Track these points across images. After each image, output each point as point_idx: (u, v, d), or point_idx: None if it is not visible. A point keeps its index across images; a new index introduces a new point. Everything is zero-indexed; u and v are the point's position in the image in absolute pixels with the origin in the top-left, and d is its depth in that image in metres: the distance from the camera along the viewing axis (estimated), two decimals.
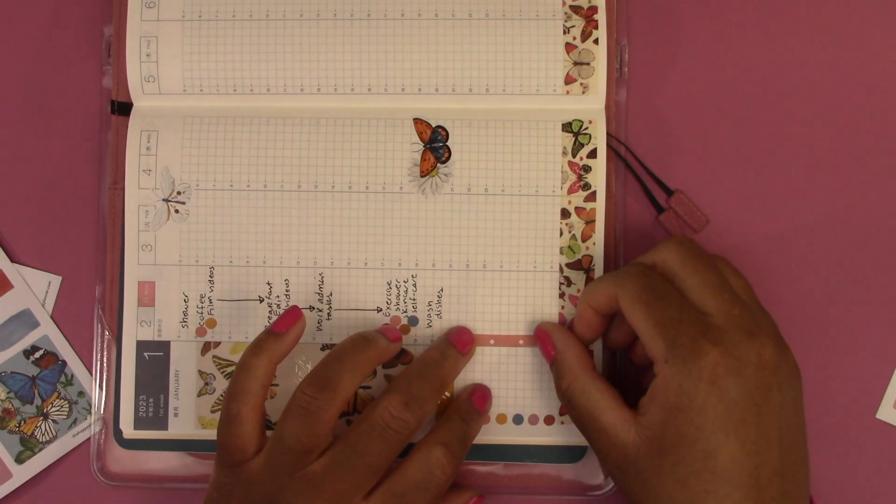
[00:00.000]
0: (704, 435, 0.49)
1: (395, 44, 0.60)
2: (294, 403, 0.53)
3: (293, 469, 0.52)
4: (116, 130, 0.61)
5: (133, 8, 0.60)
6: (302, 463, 0.52)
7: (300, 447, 0.52)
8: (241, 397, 0.54)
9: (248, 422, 0.54)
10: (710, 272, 0.52)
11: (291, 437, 0.52)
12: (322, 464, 0.52)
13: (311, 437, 0.52)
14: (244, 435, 0.54)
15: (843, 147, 0.62)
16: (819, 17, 0.62)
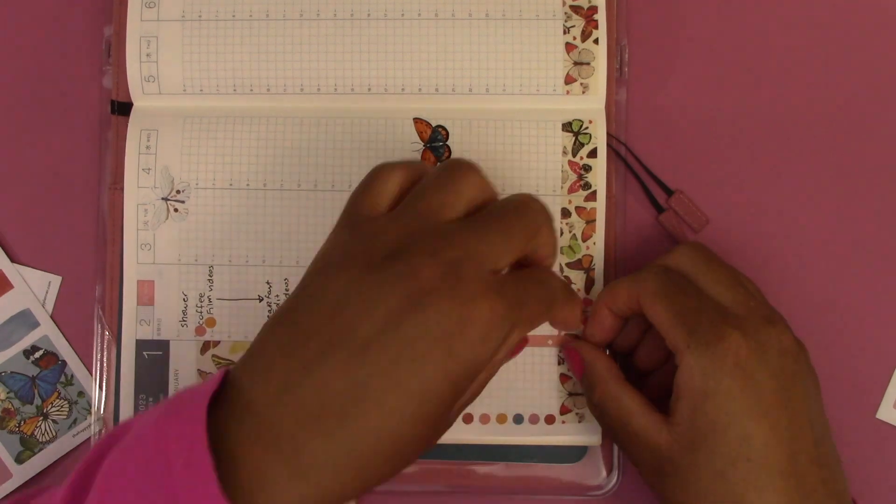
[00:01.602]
0: (735, 419, 0.49)
1: (395, 44, 0.60)
2: (440, 173, 0.50)
3: (427, 221, 0.48)
4: (116, 130, 0.61)
5: (133, 8, 0.60)
6: (438, 219, 0.48)
7: (439, 205, 0.49)
8: (391, 165, 0.51)
9: (392, 181, 0.50)
10: (723, 270, 0.53)
11: (433, 196, 0.49)
12: (459, 224, 0.48)
13: (453, 198, 0.49)
14: (384, 192, 0.50)
15: (844, 147, 0.62)
16: (819, 16, 0.62)
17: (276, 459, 0.44)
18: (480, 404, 0.59)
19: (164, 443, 0.44)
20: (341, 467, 0.44)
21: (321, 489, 0.44)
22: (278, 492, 0.43)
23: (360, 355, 0.44)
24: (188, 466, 0.42)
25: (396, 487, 0.60)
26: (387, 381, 0.44)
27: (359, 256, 0.47)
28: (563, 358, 0.59)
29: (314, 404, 0.44)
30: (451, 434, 0.58)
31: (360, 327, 0.45)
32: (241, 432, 0.44)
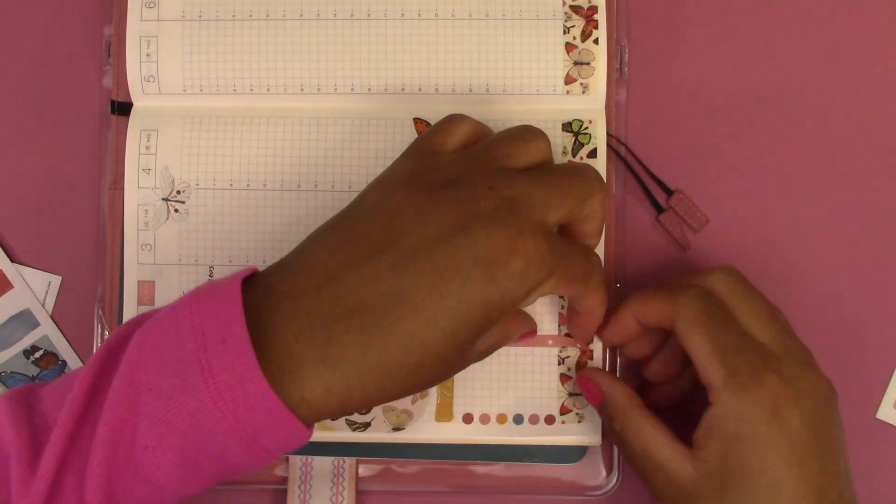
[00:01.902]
0: (767, 466, 0.49)
1: (395, 44, 0.60)
2: (512, 129, 0.53)
3: (489, 165, 0.50)
4: (116, 130, 0.61)
5: (133, 8, 0.60)
6: (500, 164, 0.50)
7: (504, 154, 0.51)
8: (463, 115, 0.54)
9: (462, 128, 0.53)
10: (759, 301, 0.53)
11: (501, 145, 0.51)
12: (519, 171, 0.50)
13: (518, 152, 0.51)
14: (453, 134, 0.53)
15: (844, 147, 0.62)
16: (819, 16, 0.62)
17: (309, 346, 0.45)
18: (480, 404, 0.59)
19: (197, 318, 0.45)
20: (367, 367, 0.46)
21: (345, 385, 0.45)
22: (306, 377, 0.45)
23: (406, 262, 0.46)
24: (224, 341, 0.44)
25: (396, 487, 0.60)
26: (427, 292, 0.46)
27: (420, 179, 0.50)
28: (563, 358, 0.59)
29: (353, 300, 0.46)
30: (451, 434, 0.58)
31: (410, 237, 0.47)
32: (276, 317, 0.46)
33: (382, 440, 0.59)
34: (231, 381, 0.44)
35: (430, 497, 0.61)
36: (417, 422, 0.59)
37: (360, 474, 0.60)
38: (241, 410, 0.44)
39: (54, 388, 0.49)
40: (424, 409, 0.59)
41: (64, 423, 0.46)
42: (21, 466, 0.45)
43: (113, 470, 0.45)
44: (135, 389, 0.45)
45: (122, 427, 0.45)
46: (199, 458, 0.45)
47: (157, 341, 0.46)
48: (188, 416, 0.44)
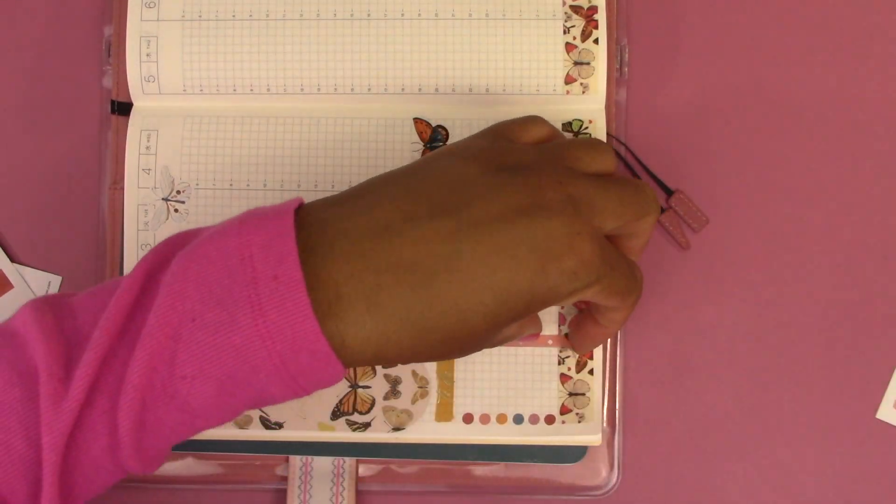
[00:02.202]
0: None
1: (395, 44, 0.60)
2: (587, 138, 0.57)
3: (560, 162, 0.51)
4: (116, 130, 0.61)
5: (133, 8, 0.60)
6: (569, 164, 0.51)
7: (575, 157, 0.51)
8: (544, 119, 0.55)
9: (540, 127, 0.54)
10: None
11: (574, 148, 0.52)
12: (586, 174, 0.51)
13: (588, 158, 0.52)
14: (531, 130, 0.54)
15: (844, 146, 0.62)
16: (819, 16, 0.62)
17: (358, 290, 0.45)
18: (480, 404, 0.59)
19: (248, 250, 0.44)
20: (409, 323, 0.46)
21: (384, 338, 0.46)
22: (350, 322, 0.45)
23: (467, 231, 0.46)
24: (276, 278, 0.43)
25: (396, 487, 0.60)
26: (481, 264, 0.46)
27: (492, 157, 0.50)
28: (563, 358, 0.59)
29: (409, 254, 0.46)
30: (451, 434, 0.58)
31: (475, 208, 0.47)
32: (329, 255, 0.45)
33: (382, 440, 0.59)
34: (281, 322, 0.43)
35: (430, 497, 0.61)
36: (417, 422, 0.59)
37: (360, 474, 0.60)
38: (288, 351, 0.44)
39: (86, 302, 0.47)
40: (424, 409, 0.59)
41: (99, 343, 0.45)
42: (52, 383, 0.44)
43: (147, 396, 0.45)
44: (176, 316, 0.44)
45: (160, 353, 0.44)
46: (236, 392, 0.45)
47: (202, 268, 0.45)
48: (232, 351, 0.44)
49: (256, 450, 0.60)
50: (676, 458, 0.61)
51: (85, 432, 0.45)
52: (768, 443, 0.61)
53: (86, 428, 0.45)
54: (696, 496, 0.61)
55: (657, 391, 0.61)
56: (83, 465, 0.45)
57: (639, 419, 0.61)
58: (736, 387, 0.61)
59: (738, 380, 0.61)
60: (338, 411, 0.59)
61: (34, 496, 0.45)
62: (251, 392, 0.45)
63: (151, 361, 0.44)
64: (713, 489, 0.61)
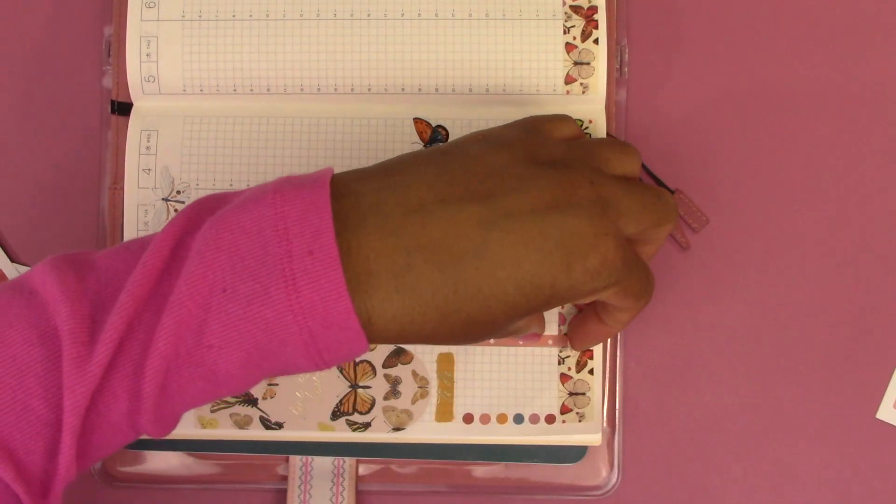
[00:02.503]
0: None
1: (395, 44, 0.60)
2: (617, 139, 0.58)
3: (590, 162, 0.51)
4: (116, 130, 0.61)
5: (133, 8, 0.60)
6: (598, 165, 0.51)
7: (604, 158, 0.52)
8: (573, 118, 0.55)
9: (571, 126, 0.54)
10: None
11: (604, 148, 0.52)
12: (617, 179, 0.51)
13: (616, 160, 0.52)
14: (562, 127, 0.54)
15: (843, 147, 0.62)
16: (819, 16, 0.62)
17: (388, 268, 0.45)
18: (481, 404, 0.59)
19: (282, 222, 0.44)
20: (433, 306, 0.46)
21: (409, 317, 0.46)
22: (377, 300, 0.45)
23: (498, 220, 0.47)
24: (312, 253, 0.43)
25: (396, 487, 0.60)
26: (508, 254, 0.46)
27: (526, 149, 0.50)
28: (563, 358, 0.59)
29: (439, 235, 0.46)
30: (451, 434, 0.58)
31: (508, 198, 0.47)
32: (361, 230, 0.46)
33: (382, 440, 0.59)
34: (315, 298, 0.43)
35: (430, 497, 0.61)
36: (417, 422, 0.59)
37: (360, 474, 0.60)
38: (318, 327, 0.44)
39: (110, 261, 0.47)
40: (424, 409, 0.59)
41: (125, 307, 0.44)
42: (76, 346, 0.44)
43: (172, 363, 0.44)
44: (207, 285, 0.44)
45: (189, 321, 0.44)
46: (263, 364, 0.45)
47: (235, 237, 0.44)
48: (263, 324, 0.44)
49: (256, 450, 0.60)
50: (676, 458, 0.61)
51: (106, 396, 0.44)
52: (768, 443, 0.61)
53: (107, 392, 0.44)
54: (696, 496, 0.61)
55: (657, 391, 0.61)
56: (101, 427, 0.45)
57: (639, 419, 0.61)
58: (736, 387, 0.61)
59: (738, 380, 0.61)
60: (338, 411, 0.59)
61: (51, 457, 0.45)
62: (276, 363, 0.46)
63: (179, 330, 0.44)
64: (713, 489, 0.61)
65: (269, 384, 0.59)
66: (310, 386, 0.59)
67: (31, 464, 0.45)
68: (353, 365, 0.59)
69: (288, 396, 0.59)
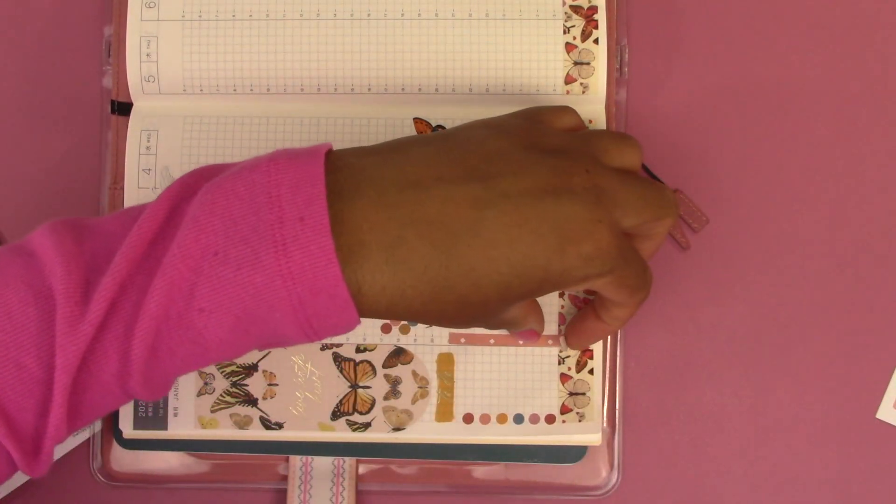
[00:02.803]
0: None
1: (395, 44, 0.60)
2: (619, 131, 0.58)
3: (589, 152, 0.51)
4: (116, 130, 0.61)
5: (133, 8, 0.60)
6: (597, 155, 0.51)
7: (603, 148, 0.52)
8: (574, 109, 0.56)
9: (572, 116, 0.55)
10: None
11: (604, 138, 0.53)
12: (615, 170, 0.51)
13: (615, 151, 0.52)
14: (564, 118, 0.55)
15: (843, 147, 0.62)
16: (819, 15, 0.62)
17: (380, 239, 0.46)
18: (481, 404, 0.59)
19: (276, 189, 0.45)
20: (425, 281, 0.46)
21: (399, 291, 0.46)
22: (368, 270, 0.46)
23: (494, 200, 0.47)
24: (303, 220, 0.44)
25: (396, 487, 0.60)
26: (502, 233, 0.47)
27: (527, 136, 0.51)
28: (563, 358, 0.59)
29: (434, 211, 0.47)
30: (451, 434, 0.58)
31: (504, 180, 0.48)
32: (356, 201, 0.46)
33: (382, 440, 0.59)
34: (304, 264, 0.44)
35: (430, 497, 0.61)
36: (417, 422, 0.59)
37: (360, 474, 0.60)
38: (307, 294, 0.44)
39: (108, 226, 0.48)
40: (424, 409, 0.59)
41: (119, 268, 0.45)
42: (69, 306, 0.44)
43: (163, 325, 0.45)
44: (199, 249, 0.45)
45: (180, 284, 0.45)
46: (251, 329, 0.46)
47: (229, 202, 0.45)
48: (253, 289, 0.44)
49: (256, 450, 0.60)
50: (676, 458, 0.61)
51: (97, 356, 0.45)
52: (768, 443, 0.61)
53: (98, 352, 0.45)
54: (696, 496, 0.61)
55: (657, 391, 0.61)
56: (92, 387, 0.46)
57: (639, 419, 0.61)
58: (736, 387, 0.61)
59: (738, 380, 0.61)
60: (338, 411, 0.59)
61: (42, 415, 0.46)
62: (265, 330, 0.46)
63: (170, 292, 0.45)
64: (713, 489, 0.61)
65: (270, 384, 0.59)
66: (310, 386, 0.59)
67: (23, 421, 0.46)
68: (353, 365, 0.59)
69: (288, 396, 0.59)
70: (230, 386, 0.59)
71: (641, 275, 0.52)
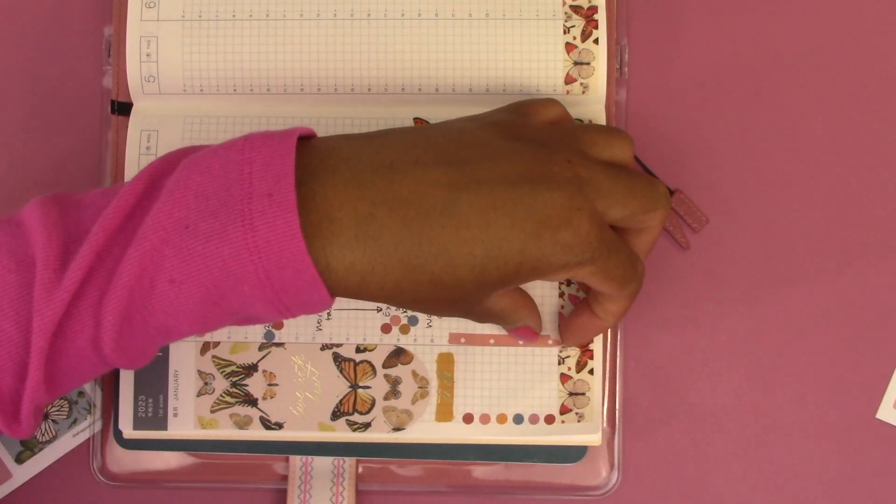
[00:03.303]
0: None
1: (395, 44, 0.60)
2: (606, 125, 0.59)
3: (574, 143, 0.52)
4: (116, 130, 0.61)
5: (133, 8, 0.60)
6: (583, 148, 0.52)
7: (590, 141, 0.52)
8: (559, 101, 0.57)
9: (556, 108, 0.56)
10: None
11: (591, 131, 0.53)
12: (598, 160, 0.52)
13: (603, 144, 0.53)
14: (548, 110, 0.55)
15: (843, 147, 0.62)
16: (820, 16, 0.62)
17: (350, 216, 0.47)
18: (481, 404, 0.59)
19: (248, 166, 0.46)
20: (396, 259, 0.47)
21: (369, 268, 0.47)
22: (337, 246, 0.46)
23: (469, 184, 0.48)
24: (270, 196, 0.45)
25: (396, 487, 0.60)
26: (476, 216, 0.47)
27: (509, 127, 0.52)
28: (563, 358, 0.59)
29: (406, 193, 0.47)
30: (451, 434, 0.58)
31: (481, 166, 0.49)
32: (329, 179, 0.47)
33: (382, 440, 0.59)
34: (269, 238, 0.45)
35: (430, 497, 0.61)
36: (417, 422, 0.59)
37: (360, 474, 0.60)
38: (273, 268, 0.45)
39: (94, 199, 0.49)
40: (424, 410, 0.59)
41: (95, 238, 0.46)
42: (47, 272, 0.46)
43: (136, 294, 0.46)
44: (172, 222, 0.46)
45: (153, 255, 0.46)
46: (221, 302, 0.47)
47: (203, 178, 0.46)
48: (220, 261, 0.45)
49: (256, 450, 0.60)
50: (676, 458, 0.61)
51: (73, 322, 0.47)
52: (768, 443, 0.61)
53: (75, 318, 0.47)
54: (695, 496, 0.61)
55: (657, 391, 0.61)
56: (69, 352, 0.47)
57: (639, 419, 0.61)
58: (736, 387, 0.61)
59: (738, 380, 0.61)
60: (338, 411, 0.59)
61: (21, 378, 0.47)
62: (235, 303, 0.47)
63: (143, 261, 0.46)
64: (713, 489, 0.61)
65: (270, 384, 0.59)
66: (310, 386, 0.59)
67: (2, 382, 0.47)
68: (353, 365, 0.59)
69: (288, 397, 0.59)
70: (230, 386, 0.59)
71: (629, 266, 0.52)
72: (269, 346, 0.59)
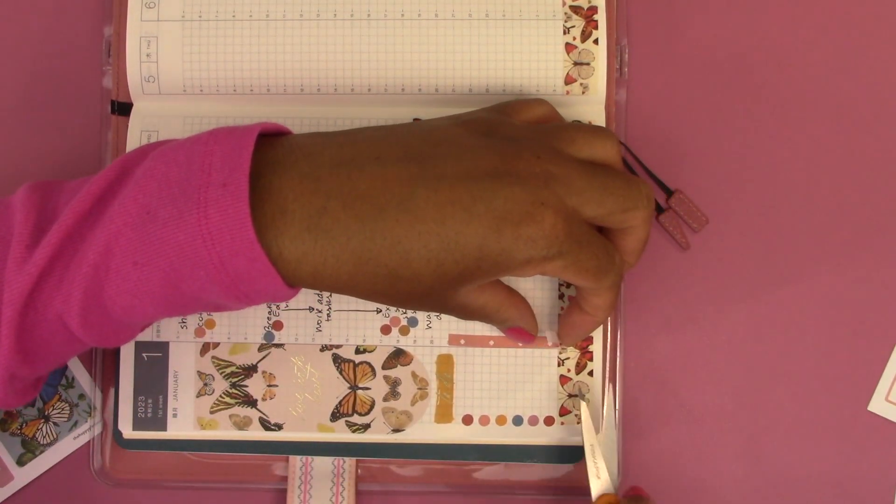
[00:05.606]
0: None
1: (395, 44, 0.60)
2: (589, 124, 0.59)
3: (548, 141, 0.52)
4: (116, 130, 0.61)
5: (133, 8, 0.60)
6: (560, 146, 0.52)
7: (569, 139, 0.52)
8: (548, 102, 0.58)
9: (542, 107, 0.56)
10: None
11: (570, 130, 0.53)
12: (573, 158, 0.52)
13: (582, 142, 0.53)
14: (531, 109, 0.56)
15: (843, 146, 0.62)
16: (821, 18, 0.62)
17: (303, 209, 0.48)
18: (480, 406, 0.59)
19: (209, 158, 0.48)
20: (348, 251, 0.48)
21: (321, 259, 0.48)
22: (289, 237, 0.48)
23: (427, 180, 0.49)
24: (225, 185, 0.47)
25: (396, 487, 0.60)
26: (433, 211, 0.48)
27: (482, 126, 0.52)
28: (562, 359, 0.59)
29: (363, 188, 0.48)
30: (450, 435, 0.58)
31: (444, 163, 0.49)
32: (287, 172, 0.49)
33: (382, 441, 0.59)
34: (221, 225, 0.46)
35: (430, 497, 0.61)
36: (417, 423, 0.59)
37: (359, 474, 0.60)
38: (226, 254, 0.47)
39: (76, 185, 0.52)
40: (424, 411, 0.59)
41: (66, 219, 0.49)
42: (19, 248, 0.49)
43: (100, 272, 0.48)
44: (137, 207, 0.48)
45: (117, 238, 0.48)
46: (180, 286, 0.48)
47: (168, 168, 0.48)
48: (176, 246, 0.47)
49: (256, 450, 0.60)
50: (676, 458, 0.61)
51: (43, 295, 0.49)
52: (768, 442, 0.61)
53: (45, 292, 0.49)
54: (695, 496, 0.61)
55: (657, 391, 0.61)
56: (41, 325, 0.49)
57: (639, 419, 0.61)
58: (736, 387, 0.61)
59: (738, 380, 0.61)
60: (337, 412, 0.59)
61: None
62: (194, 287, 0.48)
63: (108, 243, 0.48)
64: (713, 489, 0.61)
65: (269, 385, 0.59)
66: (309, 387, 0.59)
67: None
68: (352, 366, 0.59)
69: (288, 397, 0.59)
70: (229, 387, 0.59)
71: (604, 257, 0.52)
72: (268, 346, 0.59)
